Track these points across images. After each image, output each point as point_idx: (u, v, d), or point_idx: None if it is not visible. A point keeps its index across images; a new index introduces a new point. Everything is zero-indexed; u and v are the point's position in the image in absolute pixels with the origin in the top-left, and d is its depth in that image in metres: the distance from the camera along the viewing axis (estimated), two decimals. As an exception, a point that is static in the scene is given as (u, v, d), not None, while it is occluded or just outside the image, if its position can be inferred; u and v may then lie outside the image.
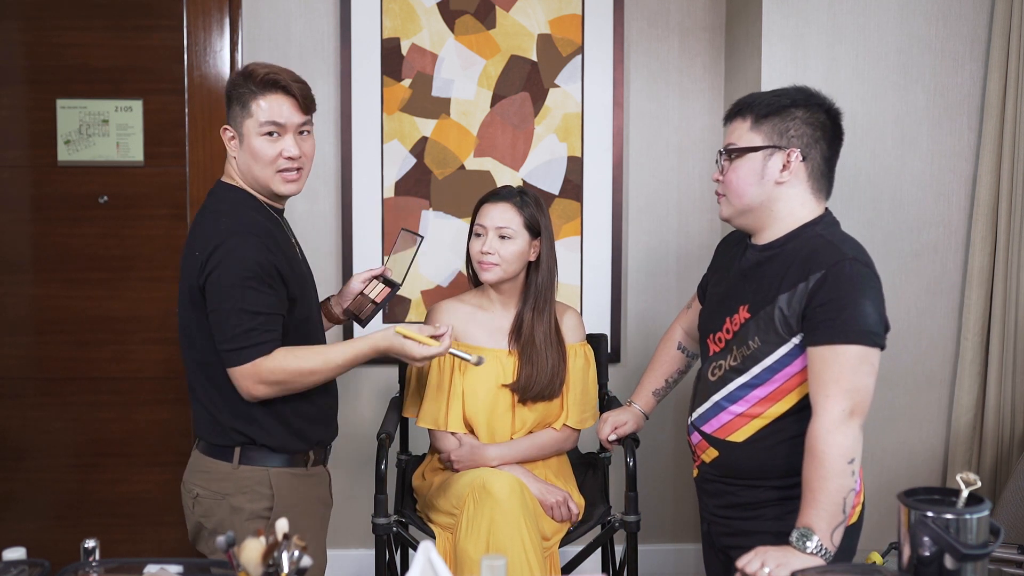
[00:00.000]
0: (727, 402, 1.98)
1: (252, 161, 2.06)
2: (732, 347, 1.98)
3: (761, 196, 1.94)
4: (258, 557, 1.34)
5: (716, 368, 2.02)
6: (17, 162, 3.13)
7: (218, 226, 2.00)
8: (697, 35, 3.27)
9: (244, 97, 2.05)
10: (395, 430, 2.60)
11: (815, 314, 1.84)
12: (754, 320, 1.93)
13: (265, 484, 2.05)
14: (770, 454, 1.95)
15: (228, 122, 2.09)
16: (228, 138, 2.09)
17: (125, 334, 3.17)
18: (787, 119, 1.93)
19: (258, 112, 2.04)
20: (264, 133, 2.05)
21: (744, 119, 1.97)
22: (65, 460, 3.20)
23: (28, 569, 1.49)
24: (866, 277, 1.85)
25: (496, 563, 1.39)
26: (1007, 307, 2.82)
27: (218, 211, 2.05)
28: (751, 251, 2.01)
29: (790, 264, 1.90)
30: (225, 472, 2.05)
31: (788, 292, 1.88)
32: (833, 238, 1.91)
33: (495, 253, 2.45)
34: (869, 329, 1.82)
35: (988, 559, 1.48)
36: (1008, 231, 2.80)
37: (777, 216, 1.96)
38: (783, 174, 1.93)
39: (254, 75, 2.04)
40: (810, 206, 1.96)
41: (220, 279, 1.95)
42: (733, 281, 2.04)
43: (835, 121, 1.97)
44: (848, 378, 1.81)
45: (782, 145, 1.93)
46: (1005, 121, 2.80)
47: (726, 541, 2.06)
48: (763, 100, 1.97)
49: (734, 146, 1.97)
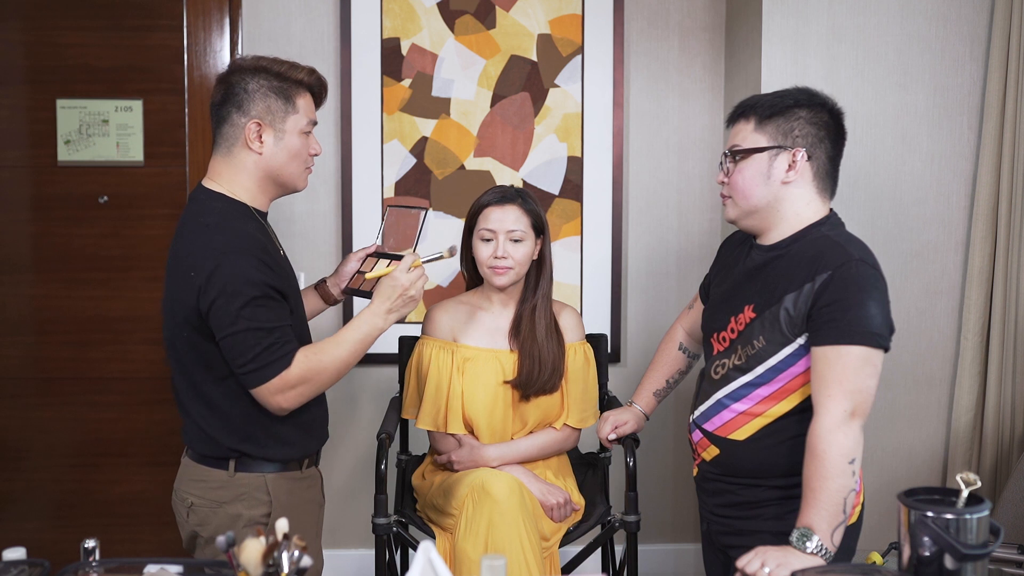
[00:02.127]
0: (729, 400, 1.98)
1: (288, 158, 2.01)
2: (736, 346, 1.98)
3: (768, 196, 1.95)
4: (258, 557, 1.34)
5: (719, 366, 2.02)
6: (17, 162, 3.13)
7: (212, 244, 1.91)
8: (697, 35, 3.27)
9: (287, 92, 1.99)
10: (395, 430, 2.60)
11: (820, 314, 1.84)
12: (759, 320, 1.93)
13: (263, 490, 2.01)
14: (771, 453, 1.94)
15: (257, 116, 1.98)
16: (254, 132, 1.98)
17: (125, 334, 3.17)
18: (791, 119, 1.94)
19: (303, 110, 2.02)
20: (306, 131, 2.03)
21: (748, 120, 1.98)
22: (65, 460, 3.20)
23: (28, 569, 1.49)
24: (872, 278, 1.85)
25: (496, 563, 1.39)
26: (1007, 307, 2.82)
27: (208, 225, 1.94)
28: (756, 251, 2.01)
29: (796, 264, 1.90)
30: (221, 480, 2.01)
31: (794, 292, 1.88)
32: (839, 239, 1.92)
33: (509, 257, 2.45)
34: (873, 330, 1.82)
35: (988, 559, 1.48)
36: (1008, 231, 2.80)
37: (783, 217, 1.96)
38: (789, 174, 1.93)
39: (294, 72, 2.00)
40: (815, 206, 1.96)
41: (228, 304, 1.88)
42: (738, 280, 2.04)
43: (838, 121, 1.98)
44: (850, 379, 1.81)
45: (787, 145, 1.93)
46: (1005, 121, 2.80)
47: (726, 540, 2.06)
48: (766, 101, 1.97)
49: (739, 147, 1.97)
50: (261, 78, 1.99)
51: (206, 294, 1.89)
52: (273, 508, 2.01)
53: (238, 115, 1.99)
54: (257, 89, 1.98)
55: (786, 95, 1.97)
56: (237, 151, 2.00)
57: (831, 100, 1.99)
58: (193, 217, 1.98)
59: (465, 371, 2.49)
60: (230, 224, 1.95)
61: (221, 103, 2.01)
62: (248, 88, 1.98)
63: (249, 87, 1.98)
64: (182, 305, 1.93)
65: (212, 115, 2.04)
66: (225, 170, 2.02)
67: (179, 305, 1.94)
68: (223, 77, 2.03)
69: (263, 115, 1.98)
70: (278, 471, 2.04)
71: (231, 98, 1.99)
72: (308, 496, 2.12)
